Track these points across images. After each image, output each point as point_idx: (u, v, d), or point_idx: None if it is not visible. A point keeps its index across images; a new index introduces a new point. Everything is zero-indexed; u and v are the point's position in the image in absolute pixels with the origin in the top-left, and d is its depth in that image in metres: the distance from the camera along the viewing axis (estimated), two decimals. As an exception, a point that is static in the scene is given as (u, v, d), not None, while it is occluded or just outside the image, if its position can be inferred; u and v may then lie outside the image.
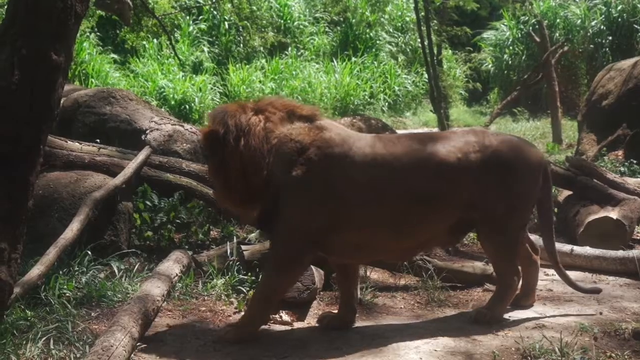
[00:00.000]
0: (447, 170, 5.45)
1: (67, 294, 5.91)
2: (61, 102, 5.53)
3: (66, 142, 7.92)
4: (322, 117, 5.66)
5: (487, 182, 5.54)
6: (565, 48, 20.13)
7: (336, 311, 5.78)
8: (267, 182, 5.33)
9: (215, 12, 24.74)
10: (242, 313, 5.87)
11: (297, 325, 5.72)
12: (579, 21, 24.10)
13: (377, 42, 26.51)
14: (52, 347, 4.91)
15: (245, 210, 5.74)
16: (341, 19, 26.95)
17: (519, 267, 5.85)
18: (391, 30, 27.50)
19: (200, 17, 25.22)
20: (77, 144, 8.01)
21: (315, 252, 5.43)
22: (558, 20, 24.52)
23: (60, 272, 6.12)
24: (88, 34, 22.50)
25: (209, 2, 23.49)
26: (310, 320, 5.80)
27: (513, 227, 5.71)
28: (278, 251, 5.49)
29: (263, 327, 5.57)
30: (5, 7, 5.65)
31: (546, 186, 5.97)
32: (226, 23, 24.69)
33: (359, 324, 5.68)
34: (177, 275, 6.32)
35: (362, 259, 6.02)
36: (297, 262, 5.40)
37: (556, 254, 6.10)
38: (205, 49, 24.41)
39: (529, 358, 4.82)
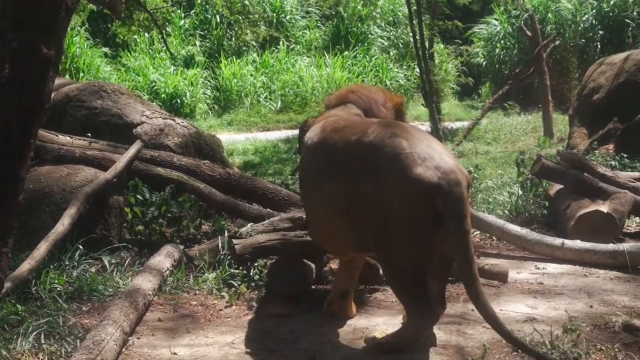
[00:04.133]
0: (333, 160, 5.07)
1: (58, 289, 5.91)
2: (52, 96, 5.52)
3: (57, 136, 7.90)
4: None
5: (360, 183, 4.84)
6: (557, 42, 20.12)
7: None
8: None
9: (206, 6, 24.70)
10: (234, 307, 5.90)
11: (290, 318, 5.72)
12: (571, 15, 24.13)
13: (369, 36, 26.49)
14: (43, 341, 4.92)
15: None
16: (333, 13, 26.91)
17: (430, 310, 4.83)
18: (383, 24, 27.46)
19: (192, 11, 25.18)
20: (68, 138, 7.99)
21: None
22: (549, 15, 24.55)
23: (51, 267, 6.12)
24: (79, 28, 22.47)
25: (201, -4, 23.44)
26: (302, 314, 5.80)
27: (395, 252, 4.76)
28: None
29: (255, 319, 5.59)
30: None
31: (450, 225, 4.59)
32: (218, 17, 24.65)
33: (352, 318, 5.68)
34: (168, 269, 6.34)
35: (334, 248, 5.66)
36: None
37: (491, 310, 4.62)
38: (197, 43, 24.38)
39: (519, 351, 4.83)
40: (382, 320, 5.56)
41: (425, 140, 4.86)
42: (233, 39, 24.88)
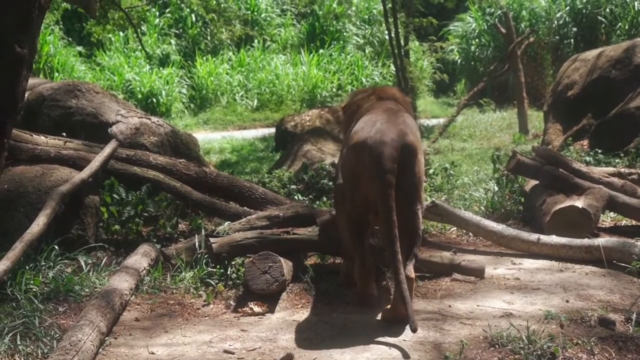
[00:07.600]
0: None
1: (34, 289, 5.87)
2: (26, 95, 5.48)
3: (31, 135, 7.85)
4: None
5: None
6: (531, 39, 20.27)
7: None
8: None
9: (182, 5, 24.63)
10: (211, 306, 5.89)
11: (267, 316, 5.71)
12: (544, 12, 24.28)
13: (344, 34, 26.52)
14: (19, 342, 4.88)
15: None
16: (308, 10, 26.91)
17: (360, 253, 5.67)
18: (358, 22, 27.50)
19: (167, 9, 25.09)
20: (42, 137, 7.94)
21: None
22: (524, 12, 24.68)
23: (27, 267, 6.07)
24: (53, 26, 22.34)
25: (176, -5, 23.41)
26: (280, 311, 5.80)
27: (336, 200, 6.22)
28: None
29: (233, 318, 5.58)
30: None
31: (372, 178, 5.41)
32: (193, 16, 24.60)
33: (328, 313, 5.68)
34: (145, 268, 6.31)
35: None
36: None
37: (401, 270, 5.17)
38: (172, 42, 24.31)
39: (497, 346, 4.85)
40: (360, 317, 5.56)
41: (391, 115, 5.80)
42: (208, 37, 24.85)
